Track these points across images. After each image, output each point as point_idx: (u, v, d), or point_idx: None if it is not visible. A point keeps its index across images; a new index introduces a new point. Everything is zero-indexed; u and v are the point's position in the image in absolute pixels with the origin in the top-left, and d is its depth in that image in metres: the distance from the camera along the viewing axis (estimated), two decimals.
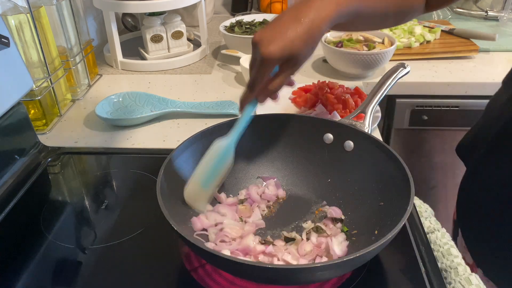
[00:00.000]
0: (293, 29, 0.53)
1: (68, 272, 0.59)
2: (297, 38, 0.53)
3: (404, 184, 0.55)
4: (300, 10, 0.54)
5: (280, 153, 0.72)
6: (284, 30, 0.53)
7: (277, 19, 0.56)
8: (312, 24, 0.54)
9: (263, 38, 0.54)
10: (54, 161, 0.82)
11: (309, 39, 0.54)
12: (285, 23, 0.54)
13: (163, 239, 0.62)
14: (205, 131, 0.67)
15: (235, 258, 0.52)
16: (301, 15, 0.54)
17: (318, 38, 0.55)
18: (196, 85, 1.10)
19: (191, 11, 1.43)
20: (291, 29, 0.53)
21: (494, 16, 1.41)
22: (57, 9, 0.93)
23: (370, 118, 0.69)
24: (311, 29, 0.54)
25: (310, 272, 0.48)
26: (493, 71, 1.12)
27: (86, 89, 1.08)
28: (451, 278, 0.58)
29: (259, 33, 0.55)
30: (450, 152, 0.89)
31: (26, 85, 0.78)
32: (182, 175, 0.63)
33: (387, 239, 0.48)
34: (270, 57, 0.53)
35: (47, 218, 0.68)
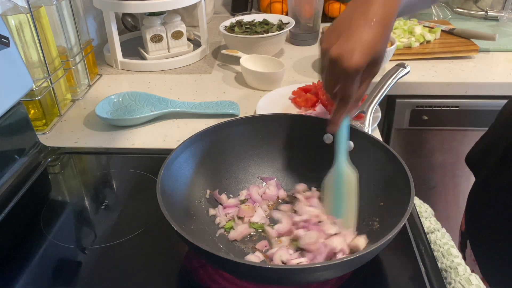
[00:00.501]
0: (369, 32, 0.51)
1: (68, 272, 0.59)
2: (376, 40, 0.51)
3: (404, 184, 0.55)
4: (367, 10, 0.52)
5: (280, 153, 0.72)
6: (361, 36, 0.51)
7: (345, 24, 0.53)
8: (384, 22, 0.52)
9: (343, 51, 0.51)
10: (54, 161, 0.82)
11: (385, 38, 0.53)
12: (358, 27, 0.51)
13: (163, 239, 0.62)
14: (205, 131, 0.67)
15: (235, 258, 0.52)
16: (371, 16, 0.51)
17: (391, 29, 0.54)
18: (196, 85, 1.10)
19: (191, 11, 1.43)
20: (366, 32, 0.51)
21: (494, 16, 1.41)
22: (57, 9, 0.93)
23: (370, 118, 0.69)
24: (385, 28, 0.52)
25: (310, 272, 0.48)
26: (493, 71, 1.12)
27: (86, 89, 1.08)
28: (451, 278, 0.58)
29: (335, 47, 0.52)
30: (450, 152, 0.89)
31: (26, 85, 0.78)
32: (182, 175, 0.63)
33: (387, 239, 0.48)
34: (357, 68, 0.51)
35: (47, 218, 0.68)
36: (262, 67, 1.08)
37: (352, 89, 0.54)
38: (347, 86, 0.54)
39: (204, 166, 0.67)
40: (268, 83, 1.03)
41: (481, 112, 1.13)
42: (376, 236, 0.58)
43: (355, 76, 0.52)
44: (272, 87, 1.03)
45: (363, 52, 0.51)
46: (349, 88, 0.54)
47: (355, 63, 0.51)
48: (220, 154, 0.69)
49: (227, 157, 0.70)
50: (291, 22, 1.23)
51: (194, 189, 0.65)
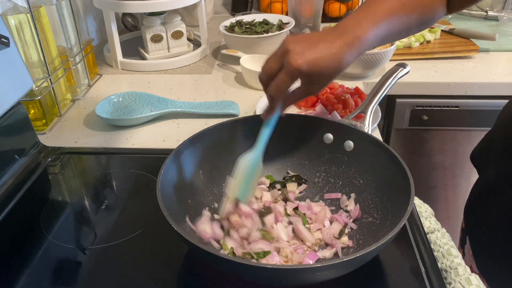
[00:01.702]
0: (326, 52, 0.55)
1: (68, 272, 0.59)
2: (328, 61, 0.55)
3: (404, 184, 0.55)
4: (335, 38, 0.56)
5: (280, 154, 0.72)
6: (318, 50, 0.55)
7: (313, 37, 0.57)
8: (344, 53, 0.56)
9: (298, 50, 0.54)
10: (54, 161, 0.82)
11: (338, 66, 0.56)
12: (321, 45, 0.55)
13: (163, 239, 0.62)
14: (205, 131, 0.67)
15: (235, 258, 0.52)
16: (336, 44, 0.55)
17: (344, 67, 0.57)
18: (196, 85, 1.10)
19: (191, 11, 1.43)
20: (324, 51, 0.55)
21: (494, 16, 1.41)
22: (57, 9, 0.93)
23: (370, 118, 0.69)
24: (342, 58, 0.56)
25: (310, 272, 0.48)
26: (493, 71, 1.12)
27: (86, 89, 1.08)
28: (451, 278, 0.58)
29: (293, 43, 0.55)
30: (450, 152, 0.89)
31: (26, 85, 0.78)
32: (182, 175, 0.63)
33: (387, 239, 0.48)
34: (298, 68, 0.54)
35: (47, 218, 0.68)
36: None
37: (282, 86, 0.57)
38: (282, 81, 0.56)
39: (204, 166, 0.67)
40: None
41: (481, 112, 1.13)
42: (376, 236, 0.58)
43: (292, 76, 0.55)
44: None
45: (312, 62, 0.54)
46: (281, 83, 0.56)
47: (300, 63, 0.54)
48: (220, 154, 0.69)
49: (227, 157, 0.70)
50: (291, 22, 1.23)
51: (194, 188, 0.65)
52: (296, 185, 0.69)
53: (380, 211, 0.61)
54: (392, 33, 0.61)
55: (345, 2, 1.46)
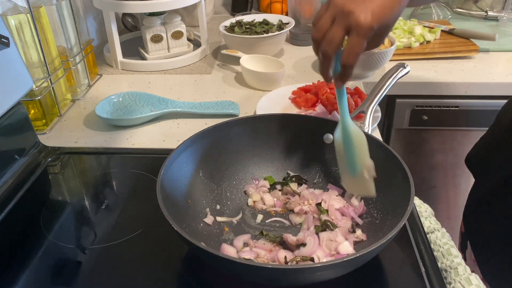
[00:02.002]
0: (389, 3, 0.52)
1: (68, 272, 0.59)
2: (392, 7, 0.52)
3: (404, 184, 0.55)
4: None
5: (280, 154, 0.72)
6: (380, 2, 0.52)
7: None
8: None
9: (358, 6, 0.51)
10: (54, 161, 0.82)
11: (398, 8, 0.53)
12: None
13: (163, 239, 0.62)
14: (205, 131, 0.67)
15: (234, 258, 0.52)
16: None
17: (402, 10, 0.54)
18: (196, 85, 1.10)
19: (191, 11, 1.43)
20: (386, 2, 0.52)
21: (494, 16, 1.41)
22: (57, 9, 0.93)
23: (370, 118, 0.69)
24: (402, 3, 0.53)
25: (310, 272, 0.48)
26: (493, 71, 1.12)
27: (86, 89, 1.08)
28: (451, 278, 0.58)
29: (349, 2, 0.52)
30: (450, 152, 0.89)
31: (26, 85, 0.78)
32: (182, 175, 0.63)
33: (387, 239, 0.48)
34: (370, 27, 0.51)
35: (47, 218, 0.68)
36: (262, 67, 1.08)
37: (358, 50, 0.52)
38: (353, 44, 0.52)
39: (204, 166, 0.67)
40: (268, 83, 1.03)
41: (481, 112, 1.13)
42: (376, 235, 0.58)
43: (365, 36, 0.51)
44: (272, 87, 1.03)
45: (378, 15, 0.51)
46: (354, 47, 0.52)
47: (370, 22, 0.51)
48: (220, 154, 0.69)
49: (227, 157, 0.70)
50: (291, 22, 1.23)
51: (194, 189, 0.65)
52: (297, 185, 0.69)
53: (380, 211, 0.61)
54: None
55: None
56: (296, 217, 0.65)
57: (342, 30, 0.52)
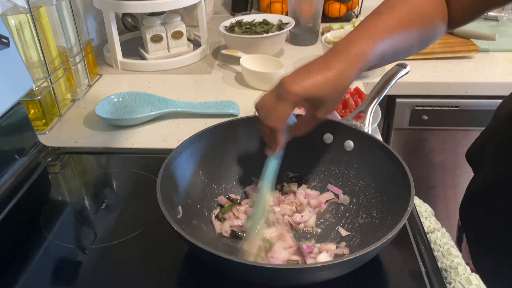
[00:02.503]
0: (322, 74, 0.54)
1: (68, 272, 0.59)
2: (325, 82, 0.54)
3: (404, 184, 0.55)
4: (329, 59, 0.55)
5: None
6: (313, 74, 0.54)
7: (307, 66, 0.56)
8: (341, 73, 0.55)
9: (292, 79, 0.54)
10: (54, 161, 0.82)
11: (337, 85, 0.55)
12: (315, 69, 0.55)
13: (163, 239, 0.62)
14: (205, 131, 0.67)
15: (234, 258, 0.52)
16: (331, 64, 0.55)
17: (346, 85, 0.56)
18: (196, 85, 1.10)
19: (191, 11, 1.43)
20: (320, 74, 0.54)
21: (494, 16, 1.41)
22: (57, 9, 0.93)
23: (370, 118, 0.69)
24: (340, 77, 0.55)
25: (310, 272, 0.48)
26: (493, 71, 1.12)
27: (86, 89, 1.08)
28: (451, 278, 0.58)
29: (287, 76, 0.55)
30: (450, 152, 0.89)
31: (26, 85, 0.78)
32: (183, 175, 0.63)
33: (387, 239, 0.48)
34: (295, 92, 0.53)
35: (47, 218, 0.68)
36: (262, 67, 1.08)
37: (283, 114, 0.55)
38: (281, 109, 0.55)
39: (204, 166, 0.67)
40: (268, 83, 1.03)
41: (481, 112, 1.13)
42: (376, 235, 0.58)
43: (290, 102, 0.54)
44: (272, 87, 1.03)
45: (307, 86, 0.53)
46: (281, 112, 0.55)
47: (296, 89, 0.53)
48: (220, 154, 0.69)
49: (227, 157, 0.70)
50: (291, 22, 1.23)
51: (194, 189, 0.65)
52: (296, 185, 0.69)
53: (380, 211, 0.61)
54: (393, 50, 0.60)
55: (345, 2, 1.46)
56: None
57: (275, 98, 0.56)
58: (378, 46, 0.57)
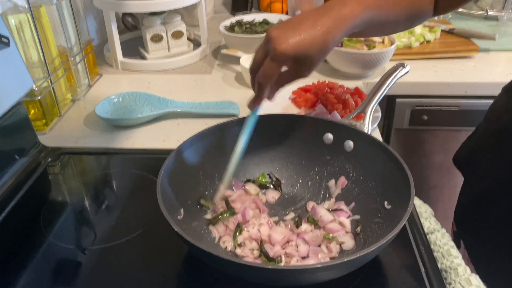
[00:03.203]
0: (310, 33, 0.55)
1: (68, 272, 0.59)
2: (312, 41, 0.55)
3: (404, 184, 0.55)
4: (318, 17, 0.56)
5: (280, 154, 0.72)
6: (301, 32, 0.55)
7: (295, 20, 0.57)
8: (328, 32, 0.55)
9: (280, 35, 0.55)
10: (54, 161, 0.82)
11: (323, 45, 0.56)
12: (303, 26, 0.55)
13: (163, 239, 0.62)
14: (205, 131, 0.67)
15: (235, 259, 0.52)
16: (319, 23, 0.55)
17: (331, 46, 0.57)
18: (196, 85, 1.10)
19: (191, 11, 1.43)
20: (307, 32, 0.55)
21: (494, 16, 1.41)
22: (57, 9, 0.93)
23: (370, 118, 0.69)
24: (327, 37, 0.55)
25: (310, 273, 0.48)
26: (493, 71, 1.12)
27: (86, 89, 1.08)
28: (451, 279, 0.58)
29: (275, 30, 0.56)
30: (450, 152, 0.89)
31: (26, 85, 0.78)
32: (183, 175, 0.63)
33: (387, 239, 0.48)
34: (283, 52, 0.54)
35: (47, 218, 0.68)
36: None
37: (270, 72, 0.56)
38: (268, 67, 0.56)
39: (204, 166, 0.67)
40: None
41: (481, 112, 1.12)
42: (376, 236, 0.58)
43: (279, 60, 0.55)
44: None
45: (295, 44, 0.54)
46: (269, 70, 0.56)
47: (283, 48, 0.54)
48: (220, 154, 0.69)
49: (227, 157, 0.70)
50: None
51: (194, 189, 0.65)
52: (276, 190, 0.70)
53: (380, 211, 0.61)
54: (380, 20, 0.61)
55: None
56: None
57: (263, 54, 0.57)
58: (367, 11, 0.58)
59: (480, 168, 0.76)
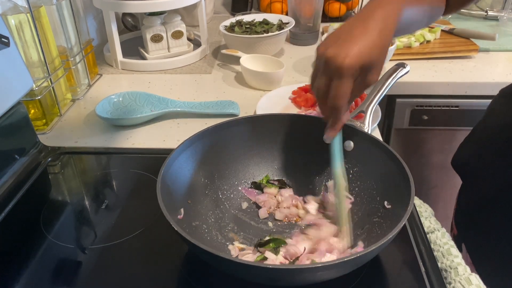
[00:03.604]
0: (366, 39, 0.53)
1: (68, 272, 0.59)
2: (372, 47, 0.53)
3: (404, 184, 0.55)
4: (365, 22, 0.54)
5: (280, 154, 0.72)
6: (357, 41, 0.53)
7: (343, 32, 0.54)
8: (382, 32, 0.54)
9: (337, 52, 0.52)
10: (54, 161, 0.82)
11: (383, 46, 0.54)
12: (355, 35, 0.53)
13: (163, 239, 0.62)
14: (205, 131, 0.67)
15: (234, 259, 0.52)
16: (370, 26, 0.54)
17: (389, 45, 0.55)
18: (196, 85, 1.10)
19: (191, 11, 1.43)
20: (363, 39, 0.53)
21: (494, 16, 1.41)
22: (57, 9, 0.93)
23: (370, 118, 0.69)
24: (382, 39, 0.54)
25: (310, 272, 0.48)
26: (493, 71, 1.12)
27: (86, 89, 1.08)
28: (451, 278, 0.58)
29: (328, 48, 0.53)
30: (450, 152, 0.89)
31: (26, 85, 0.78)
32: (182, 175, 0.63)
33: (387, 239, 0.48)
34: (350, 67, 0.52)
35: (47, 218, 0.68)
36: (262, 67, 1.08)
37: (344, 91, 0.54)
38: (340, 87, 0.53)
39: (204, 166, 0.67)
40: (268, 83, 1.03)
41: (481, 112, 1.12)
42: (376, 236, 0.58)
43: (348, 76, 0.53)
44: (272, 87, 1.03)
45: (358, 54, 0.52)
46: (342, 89, 0.53)
47: (348, 62, 0.52)
48: (220, 154, 0.69)
49: (227, 157, 0.70)
50: (291, 22, 1.23)
51: (194, 189, 0.65)
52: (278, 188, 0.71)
53: (380, 211, 0.61)
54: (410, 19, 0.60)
55: (345, 2, 1.46)
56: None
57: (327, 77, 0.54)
58: (405, 7, 0.57)
59: (479, 173, 0.76)
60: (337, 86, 0.53)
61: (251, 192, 0.69)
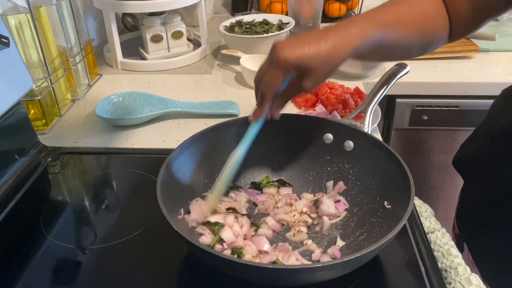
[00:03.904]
0: (315, 45, 0.54)
1: (68, 272, 0.59)
2: (316, 53, 0.54)
3: (404, 184, 0.55)
4: (326, 33, 0.55)
5: (280, 153, 0.72)
6: (306, 44, 0.54)
7: (303, 35, 0.56)
8: (334, 47, 0.54)
9: (284, 45, 0.54)
10: (54, 161, 0.82)
11: (328, 58, 0.54)
12: (309, 39, 0.54)
13: (163, 239, 0.62)
14: (205, 131, 0.67)
15: (235, 259, 0.52)
16: (326, 37, 0.54)
17: (338, 62, 0.55)
18: (196, 85, 1.10)
19: (191, 11, 1.43)
20: (313, 44, 0.54)
21: None
22: (57, 9, 0.93)
23: (370, 118, 0.69)
24: (332, 51, 0.54)
25: (310, 273, 0.48)
26: (493, 71, 1.12)
27: (86, 89, 1.08)
28: (451, 278, 0.58)
29: (281, 41, 0.55)
30: (450, 152, 0.89)
31: (26, 85, 0.78)
32: (182, 175, 0.63)
33: (387, 239, 0.48)
34: (286, 60, 0.53)
35: (47, 218, 0.68)
36: None
37: (272, 82, 0.55)
38: (270, 75, 0.55)
39: (204, 166, 0.67)
40: None
41: (481, 112, 1.12)
42: (376, 236, 0.58)
43: (281, 69, 0.54)
44: None
45: (299, 54, 0.53)
46: (271, 78, 0.55)
47: (286, 56, 0.53)
48: (220, 154, 0.69)
49: (227, 157, 0.70)
50: (291, 22, 1.23)
51: (194, 189, 0.65)
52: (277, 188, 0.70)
53: (380, 211, 0.61)
54: (393, 41, 0.60)
55: (345, 2, 1.46)
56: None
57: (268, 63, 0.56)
58: (378, 31, 0.57)
59: (481, 172, 0.76)
60: (269, 74, 0.56)
61: (251, 192, 0.69)
